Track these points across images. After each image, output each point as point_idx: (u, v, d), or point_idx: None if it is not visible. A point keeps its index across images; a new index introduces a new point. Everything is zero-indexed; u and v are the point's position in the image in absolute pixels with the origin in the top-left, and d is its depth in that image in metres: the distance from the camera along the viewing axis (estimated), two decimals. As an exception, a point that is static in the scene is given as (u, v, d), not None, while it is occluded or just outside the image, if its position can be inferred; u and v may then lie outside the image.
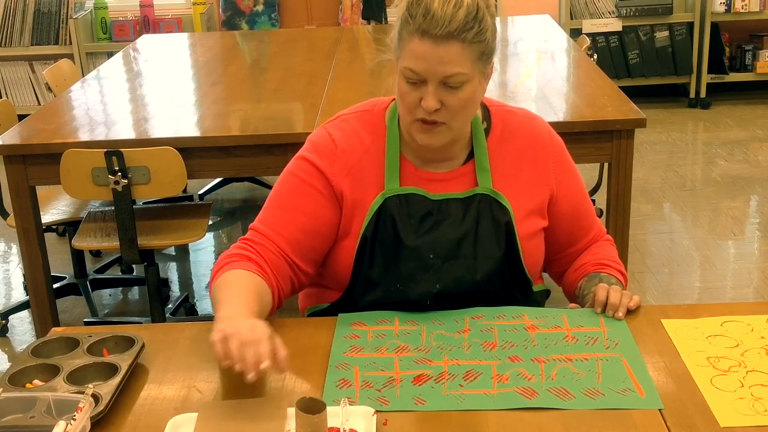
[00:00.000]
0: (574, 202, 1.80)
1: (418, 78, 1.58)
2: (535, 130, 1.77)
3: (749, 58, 5.90)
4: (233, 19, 5.89)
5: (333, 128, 1.75)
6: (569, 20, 5.78)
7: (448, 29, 1.53)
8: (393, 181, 1.70)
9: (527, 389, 1.42)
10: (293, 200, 1.71)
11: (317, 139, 1.75)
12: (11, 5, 5.70)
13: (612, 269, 1.80)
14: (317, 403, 1.25)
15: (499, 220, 1.70)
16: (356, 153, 1.72)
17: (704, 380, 1.43)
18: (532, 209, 1.75)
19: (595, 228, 1.86)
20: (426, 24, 1.54)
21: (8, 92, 5.83)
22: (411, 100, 1.60)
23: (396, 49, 1.63)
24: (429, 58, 1.55)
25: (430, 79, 1.57)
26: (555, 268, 1.89)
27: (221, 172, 3.34)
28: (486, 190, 1.71)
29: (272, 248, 1.67)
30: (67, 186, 2.74)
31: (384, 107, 1.76)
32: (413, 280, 1.68)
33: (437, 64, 1.55)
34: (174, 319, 3.29)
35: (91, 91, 3.48)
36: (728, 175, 4.70)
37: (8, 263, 4.05)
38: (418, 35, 1.55)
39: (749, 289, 3.49)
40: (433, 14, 1.53)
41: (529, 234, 1.74)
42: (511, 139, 1.75)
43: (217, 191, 4.73)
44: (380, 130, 1.73)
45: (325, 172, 1.71)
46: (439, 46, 1.54)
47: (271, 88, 3.42)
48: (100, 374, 1.45)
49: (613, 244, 1.89)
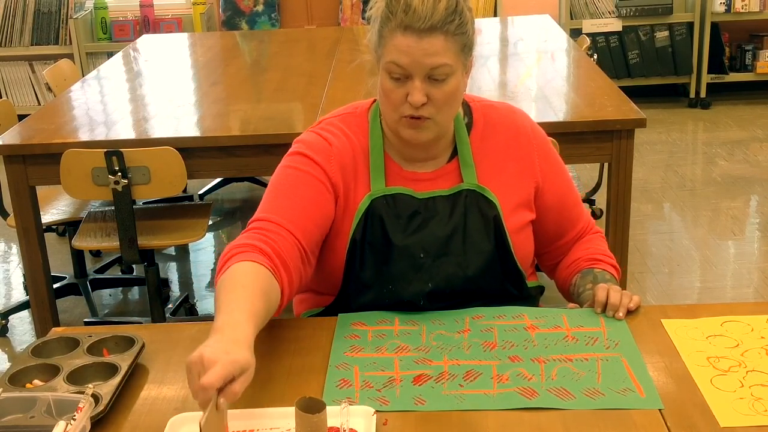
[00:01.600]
0: (560, 194, 1.81)
1: (402, 73, 1.59)
2: (517, 122, 1.78)
3: (749, 58, 5.90)
4: (233, 19, 5.89)
5: (321, 130, 1.75)
6: (569, 20, 5.77)
7: (431, 22, 1.55)
8: (379, 181, 1.71)
9: (527, 389, 1.42)
10: (297, 190, 1.68)
11: (309, 138, 1.74)
12: (11, 5, 5.70)
13: (605, 264, 1.80)
14: (317, 403, 1.25)
15: (487, 215, 1.71)
16: (348, 153, 1.72)
17: (704, 380, 1.43)
18: (519, 203, 1.76)
19: (583, 220, 1.86)
20: (408, 19, 1.55)
21: (8, 92, 5.83)
22: (396, 96, 1.61)
23: (376, 48, 1.64)
24: (414, 52, 1.56)
25: (416, 73, 1.58)
26: (546, 261, 1.89)
27: (221, 172, 3.34)
28: (471, 185, 1.72)
29: (287, 237, 1.61)
30: (67, 186, 2.74)
31: (366, 108, 1.77)
32: (405, 280, 1.68)
33: (422, 56, 1.56)
34: (174, 319, 3.29)
35: (91, 91, 3.48)
36: (728, 175, 4.70)
37: (8, 263, 4.05)
38: (401, 30, 1.56)
39: (749, 289, 3.49)
40: (414, 9, 1.55)
41: (517, 228, 1.75)
42: (493, 134, 1.76)
43: (217, 191, 4.73)
44: (364, 131, 1.74)
45: (322, 166, 1.70)
46: (423, 39, 1.56)
47: (271, 88, 3.42)
48: (100, 374, 1.45)
49: (603, 237, 1.89)
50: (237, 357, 1.27)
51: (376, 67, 1.68)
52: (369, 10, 1.67)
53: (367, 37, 1.68)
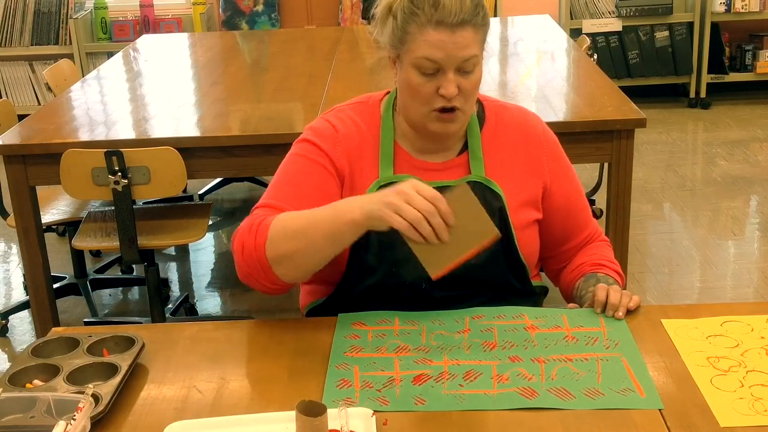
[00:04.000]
0: (567, 198, 1.82)
1: (435, 67, 1.62)
2: (528, 124, 1.81)
3: (749, 58, 5.90)
4: (233, 19, 5.89)
5: (331, 117, 1.79)
6: (569, 20, 5.77)
7: (462, 16, 1.59)
8: (387, 168, 1.73)
9: (527, 389, 1.42)
10: (303, 177, 1.72)
11: (317, 125, 1.78)
12: (11, 5, 5.70)
13: (609, 269, 1.80)
14: (317, 406, 1.25)
15: (493, 206, 1.71)
16: (354, 139, 1.75)
17: (704, 380, 1.43)
18: (526, 200, 1.77)
19: (591, 227, 1.87)
20: (439, 14, 1.59)
21: (8, 92, 5.83)
22: (428, 90, 1.64)
23: (397, 45, 1.66)
24: (447, 46, 1.60)
25: (448, 67, 1.61)
26: (551, 265, 1.90)
27: (221, 172, 3.34)
28: (478, 177, 1.74)
29: None
30: (67, 186, 2.74)
31: (378, 100, 1.81)
32: (409, 264, 1.67)
33: (456, 50, 1.60)
34: (174, 319, 3.29)
35: (91, 91, 3.48)
36: (728, 175, 4.70)
37: (8, 263, 4.05)
38: (432, 26, 1.60)
39: (749, 289, 3.49)
40: (443, 4, 1.58)
41: (523, 224, 1.76)
42: (504, 133, 1.78)
43: (217, 191, 4.73)
44: (375, 120, 1.77)
45: (328, 153, 1.73)
46: (456, 32, 1.59)
47: (271, 88, 3.42)
48: (100, 374, 1.45)
49: (610, 246, 1.90)
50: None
51: (391, 63, 1.71)
52: (376, 8, 1.68)
53: (380, 34, 1.69)
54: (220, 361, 1.54)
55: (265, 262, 1.59)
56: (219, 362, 1.54)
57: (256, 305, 3.52)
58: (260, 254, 1.59)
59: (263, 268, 1.60)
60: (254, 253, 1.59)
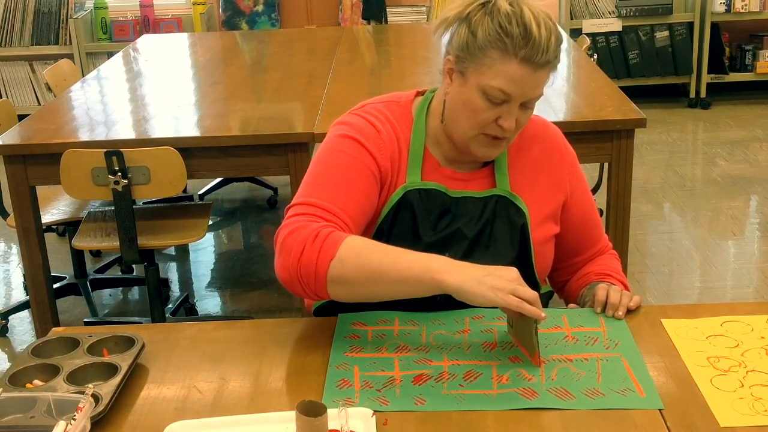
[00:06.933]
0: (584, 211, 1.82)
1: (504, 99, 1.58)
2: (550, 137, 1.80)
3: (749, 58, 5.90)
4: (233, 19, 5.89)
5: (368, 115, 1.71)
6: (569, 20, 5.78)
7: (547, 57, 1.56)
8: (415, 174, 1.69)
9: (527, 389, 1.42)
10: (351, 179, 1.63)
11: (357, 122, 1.70)
12: (11, 5, 5.70)
13: (614, 279, 1.80)
14: (317, 406, 1.25)
15: (515, 222, 1.71)
16: (394, 142, 1.70)
17: (704, 380, 1.43)
18: (547, 215, 1.76)
19: (602, 241, 1.88)
20: (528, 50, 1.54)
21: (8, 92, 5.83)
22: (487, 117, 1.60)
23: (466, 60, 1.59)
24: (525, 84, 1.57)
25: (516, 101, 1.59)
26: (557, 277, 1.89)
27: (221, 172, 3.34)
28: (504, 192, 1.72)
29: (343, 228, 1.58)
30: (67, 186, 2.74)
31: (410, 100, 1.75)
32: None
33: (532, 88, 1.58)
34: (174, 319, 3.29)
35: (91, 91, 3.48)
36: (728, 175, 4.70)
37: (8, 263, 4.05)
38: (517, 60, 1.55)
39: (749, 289, 3.49)
40: (534, 40, 1.53)
41: (542, 240, 1.75)
42: (528, 146, 1.77)
43: (217, 191, 4.73)
44: (407, 122, 1.72)
45: (373, 154, 1.67)
46: (537, 72, 1.57)
47: (271, 88, 3.42)
48: (100, 374, 1.45)
49: (618, 258, 1.90)
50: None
51: (447, 71, 1.64)
52: (452, 12, 1.60)
53: (442, 35, 1.63)
54: (220, 361, 1.54)
55: (323, 278, 1.50)
56: (219, 362, 1.54)
57: (256, 305, 3.52)
58: (321, 269, 1.49)
59: (317, 282, 1.51)
60: (315, 265, 1.49)
